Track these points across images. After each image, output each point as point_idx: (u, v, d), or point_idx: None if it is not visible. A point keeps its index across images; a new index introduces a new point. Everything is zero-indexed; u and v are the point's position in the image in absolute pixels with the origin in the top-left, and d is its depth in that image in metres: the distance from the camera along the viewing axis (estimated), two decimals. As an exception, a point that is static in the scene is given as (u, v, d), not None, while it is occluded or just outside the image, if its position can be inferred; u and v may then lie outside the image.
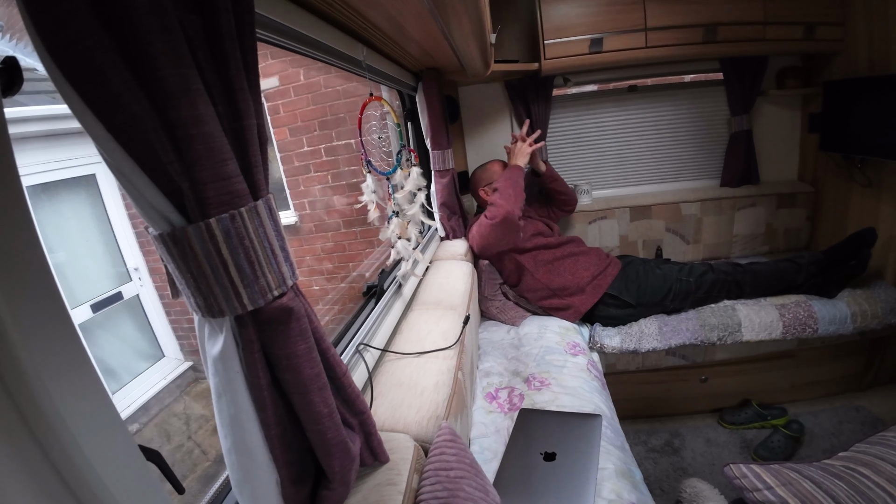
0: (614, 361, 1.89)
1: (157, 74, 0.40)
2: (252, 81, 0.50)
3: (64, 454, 0.36)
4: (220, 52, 0.45)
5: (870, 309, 1.75)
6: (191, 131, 0.42)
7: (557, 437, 1.18)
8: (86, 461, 0.37)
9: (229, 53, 0.46)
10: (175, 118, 0.41)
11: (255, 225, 0.48)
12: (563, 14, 2.06)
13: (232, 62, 0.46)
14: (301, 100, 2.98)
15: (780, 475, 0.97)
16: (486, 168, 2.07)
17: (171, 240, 0.45)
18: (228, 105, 0.47)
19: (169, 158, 0.42)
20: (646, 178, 2.64)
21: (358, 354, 1.07)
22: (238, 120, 0.47)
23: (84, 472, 0.37)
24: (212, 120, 0.44)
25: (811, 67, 2.29)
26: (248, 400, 0.53)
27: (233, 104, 0.47)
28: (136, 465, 0.42)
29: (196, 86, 0.43)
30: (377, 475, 0.74)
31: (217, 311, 0.48)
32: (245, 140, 0.48)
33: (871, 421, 1.84)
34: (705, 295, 1.85)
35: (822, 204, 2.36)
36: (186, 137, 0.42)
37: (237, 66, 0.47)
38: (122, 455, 0.41)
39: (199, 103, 0.43)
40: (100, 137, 0.40)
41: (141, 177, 0.43)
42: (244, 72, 0.48)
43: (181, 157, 0.42)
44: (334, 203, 3.12)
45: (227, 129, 0.46)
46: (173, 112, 0.41)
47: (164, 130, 0.41)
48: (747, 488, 0.98)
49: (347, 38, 1.15)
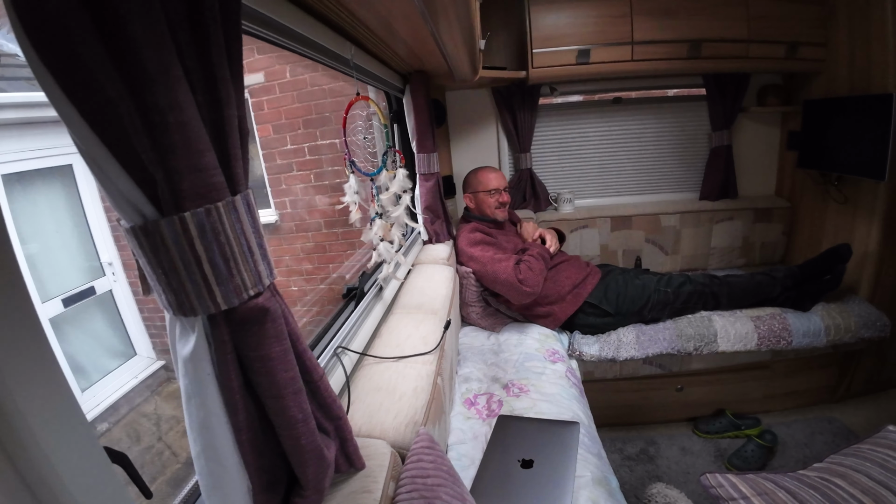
0: (592, 369, 1.90)
1: (135, 57, 0.38)
2: (235, 71, 0.48)
3: (25, 454, 0.35)
4: (202, 37, 0.43)
5: (843, 323, 1.80)
6: (167, 118, 0.40)
7: (535, 445, 1.18)
8: (47, 462, 0.36)
9: (212, 40, 0.44)
10: (151, 103, 0.39)
11: (231, 221, 0.46)
12: (553, 24, 2.08)
13: (214, 49, 0.44)
14: (286, 97, 2.94)
15: (756, 485, 0.98)
16: (476, 175, 2.05)
17: (143, 233, 0.43)
18: (209, 93, 0.45)
19: (143, 146, 0.40)
20: (627, 189, 2.69)
21: (336, 358, 1.05)
22: (218, 110, 0.45)
23: (45, 473, 0.36)
24: (190, 108, 0.42)
25: (792, 86, 2.37)
26: (220, 403, 0.51)
27: (213, 93, 0.45)
28: (100, 467, 0.41)
29: (175, 71, 0.41)
30: (352, 482, 0.72)
31: (189, 309, 0.46)
32: (225, 131, 0.46)
33: (843, 432, 1.89)
34: (683, 305, 1.88)
35: (798, 219, 2.42)
36: (162, 124, 0.40)
37: (220, 53, 0.45)
38: (85, 456, 0.39)
39: (178, 89, 0.41)
40: (72, 122, 0.38)
41: (114, 165, 0.41)
42: (227, 60, 0.46)
43: (156, 145, 0.40)
44: (316, 203, 3.08)
45: (206, 119, 0.44)
46: (150, 97, 0.39)
47: (140, 116, 0.39)
48: (723, 497, 0.99)
49: (336, 35, 1.13)
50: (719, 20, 2.04)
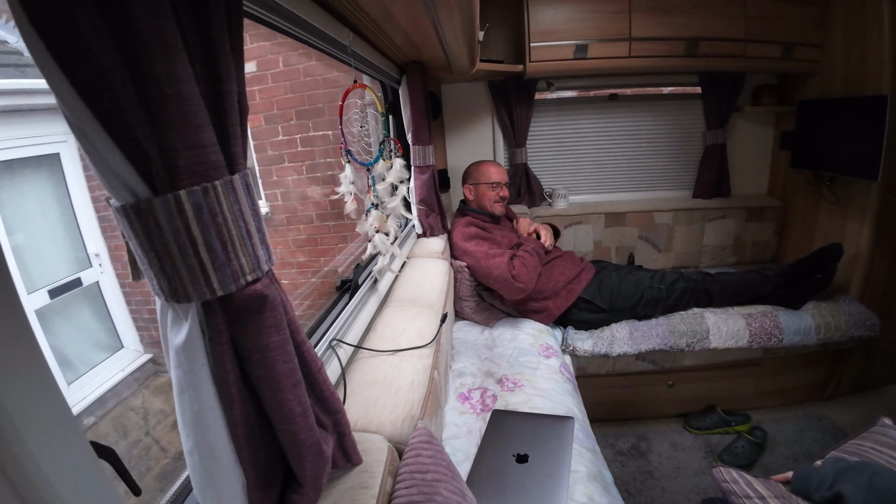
0: (585, 364, 1.90)
1: (132, 24, 0.35)
2: (235, 46, 0.45)
3: (8, 449, 0.33)
4: (203, 8, 0.41)
5: (833, 321, 1.82)
6: (164, 90, 0.37)
7: (530, 439, 1.17)
8: (32, 458, 0.34)
9: (213, 11, 0.42)
10: (147, 74, 0.36)
11: (229, 201, 0.43)
12: (551, 18, 2.06)
13: (215, 21, 0.42)
14: (279, 87, 2.88)
15: (773, 488, 0.95)
16: (479, 167, 2.04)
17: (135, 213, 0.40)
18: (208, 68, 0.42)
19: (137, 120, 0.38)
20: (621, 185, 2.69)
21: (331, 350, 1.03)
22: (217, 85, 0.43)
23: (30, 469, 0.34)
24: (189, 81, 0.39)
25: (787, 86, 2.38)
26: (214, 396, 0.48)
27: (213, 67, 0.42)
28: (87, 462, 0.39)
29: (174, 41, 0.38)
30: (349, 478, 0.70)
31: (182, 295, 0.43)
32: (224, 107, 0.43)
33: (832, 430, 1.91)
34: (675, 302, 1.89)
35: (790, 219, 2.44)
36: (159, 96, 0.37)
37: (220, 25, 0.42)
38: (71, 452, 0.37)
39: (177, 61, 0.38)
40: (62, 92, 0.36)
41: (105, 139, 0.38)
42: (227, 34, 0.44)
43: (151, 118, 0.37)
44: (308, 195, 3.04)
45: (205, 94, 0.42)
46: (146, 67, 0.36)
47: (135, 87, 0.36)
48: (737, 493, 0.96)
49: (334, 20, 1.10)
50: (717, 19, 2.04)
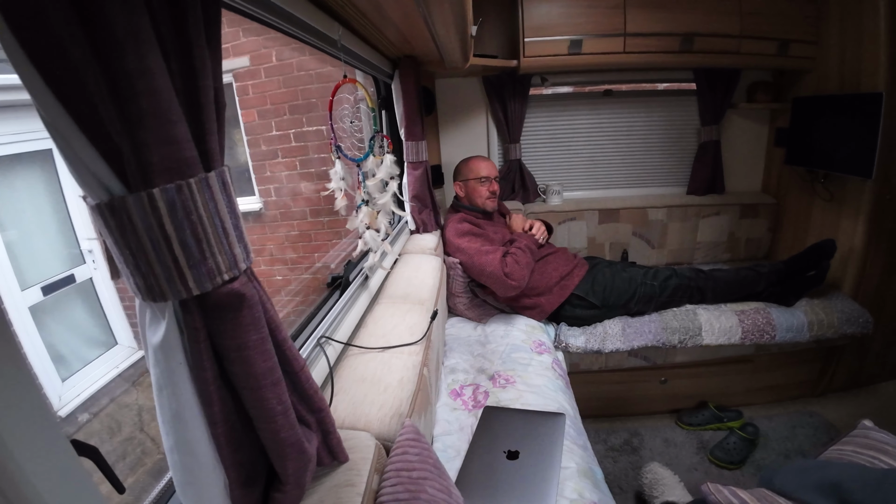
0: (578, 361, 1.90)
1: (104, 19, 0.35)
2: (212, 39, 0.45)
3: None
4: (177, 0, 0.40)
5: (826, 318, 1.83)
6: (136, 85, 0.37)
7: (521, 436, 1.17)
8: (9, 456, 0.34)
9: (188, 3, 0.41)
10: (119, 68, 0.36)
11: (204, 199, 0.43)
12: (545, 13, 2.05)
13: (191, 13, 0.41)
14: (272, 82, 2.86)
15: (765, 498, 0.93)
16: (468, 163, 2.03)
17: (109, 210, 0.40)
18: (183, 61, 0.41)
19: (110, 116, 0.37)
20: (615, 182, 2.69)
21: (319, 348, 1.02)
22: (193, 80, 0.42)
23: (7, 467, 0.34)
24: (162, 75, 0.38)
25: (781, 83, 2.37)
26: (193, 394, 0.48)
27: (188, 61, 0.42)
28: (67, 461, 0.39)
29: (146, 35, 0.37)
30: (335, 476, 0.70)
31: (158, 294, 0.43)
32: (199, 103, 0.42)
33: (824, 426, 1.92)
34: (668, 299, 1.89)
35: (784, 216, 2.45)
36: (131, 91, 0.37)
37: (196, 18, 0.42)
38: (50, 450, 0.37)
39: (149, 55, 0.37)
40: (35, 89, 0.35)
41: (78, 136, 0.38)
42: (204, 26, 0.43)
43: (124, 113, 0.37)
44: (301, 190, 3.02)
45: (180, 89, 0.41)
46: (118, 61, 0.36)
47: (106, 82, 0.36)
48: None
49: (324, 14, 1.09)
50: (712, 15, 2.03)
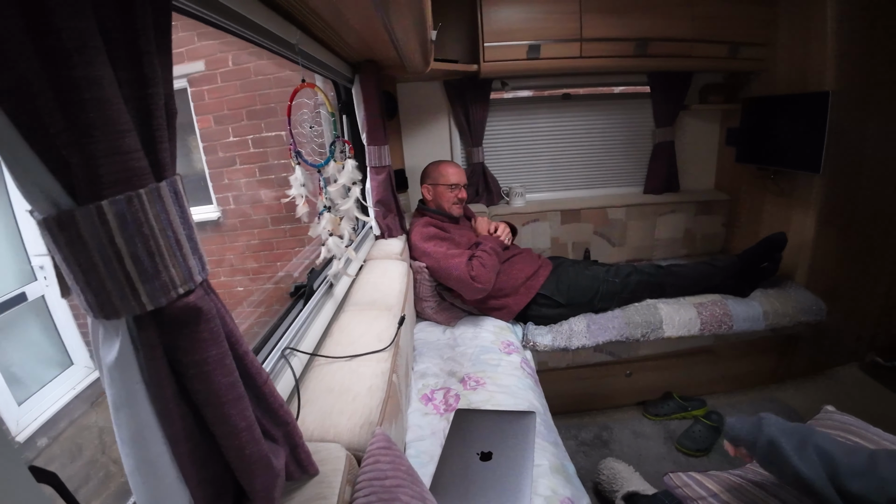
0: (546, 359, 1.94)
1: (51, 27, 0.33)
2: (162, 46, 0.43)
3: None
4: (127, 6, 0.39)
5: (781, 307, 1.93)
6: (83, 95, 0.35)
7: (493, 436, 1.18)
8: None
9: (137, 10, 0.39)
10: (66, 79, 0.34)
11: (156, 210, 0.41)
12: (504, 18, 2.09)
13: (140, 21, 0.40)
14: (229, 87, 2.77)
15: (722, 481, 0.95)
16: (438, 167, 2.03)
17: (57, 225, 0.38)
18: (132, 70, 0.40)
19: (57, 127, 0.35)
20: (576, 183, 2.76)
21: (284, 360, 1.00)
22: (143, 88, 0.41)
23: None
24: (110, 85, 0.37)
25: (733, 84, 2.49)
26: (152, 413, 0.46)
27: (137, 69, 0.40)
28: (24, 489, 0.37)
29: (94, 42, 0.36)
30: (306, 489, 0.68)
31: (111, 310, 0.41)
32: (149, 111, 0.41)
33: (786, 412, 2.01)
34: (630, 295, 1.95)
35: (738, 211, 2.57)
36: (78, 102, 0.35)
37: (146, 24, 0.40)
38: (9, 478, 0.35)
39: (97, 63, 0.36)
40: None
41: (25, 149, 0.36)
42: (154, 33, 0.41)
43: (71, 124, 0.35)
44: (261, 198, 2.94)
45: (129, 98, 0.40)
46: (65, 72, 0.34)
47: (54, 93, 0.34)
48: (691, 497, 0.96)
49: (281, 19, 1.07)
50: (665, 19, 2.11)
